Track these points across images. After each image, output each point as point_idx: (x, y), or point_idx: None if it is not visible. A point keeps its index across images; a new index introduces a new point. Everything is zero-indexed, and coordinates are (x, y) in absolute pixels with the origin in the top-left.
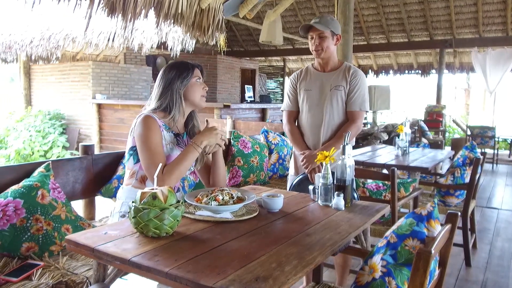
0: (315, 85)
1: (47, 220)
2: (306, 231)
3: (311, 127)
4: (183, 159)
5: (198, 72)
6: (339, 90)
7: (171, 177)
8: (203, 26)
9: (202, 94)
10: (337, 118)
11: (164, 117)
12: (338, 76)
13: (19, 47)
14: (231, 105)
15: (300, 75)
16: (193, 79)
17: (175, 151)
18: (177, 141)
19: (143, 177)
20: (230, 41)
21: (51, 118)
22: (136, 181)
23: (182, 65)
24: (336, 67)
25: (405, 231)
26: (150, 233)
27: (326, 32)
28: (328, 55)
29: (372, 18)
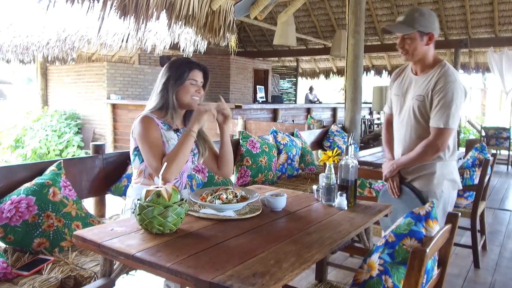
0: (403, 90)
1: (58, 217)
2: (307, 229)
3: (396, 135)
4: (180, 147)
5: (196, 74)
6: (420, 101)
7: (171, 166)
8: (214, 27)
9: (193, 95)
10: (418, 131)
11: (162, 116)
12: (424, 83)
13: (36, 48)
14: (243, 106)
15: (395, 76)
16: (188, 81)
17: None
18: (177, 137)
19: (150, 174)
20: (243, 42)
21: (67, 118)
22: (144, 178)
23: (180, 64)
24: (428, 69)
25: (403, 231)
26: (154, 230)
27: (412, 33)
28: (418, 58)
29: (386, 18)
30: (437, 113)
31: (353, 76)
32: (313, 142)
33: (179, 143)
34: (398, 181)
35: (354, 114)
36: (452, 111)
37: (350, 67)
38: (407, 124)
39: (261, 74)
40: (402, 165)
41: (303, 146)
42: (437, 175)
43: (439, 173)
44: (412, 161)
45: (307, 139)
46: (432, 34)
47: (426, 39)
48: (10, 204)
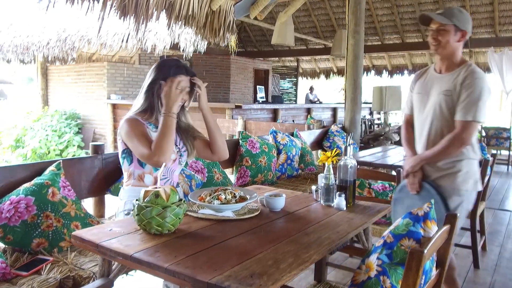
0: (426, 88)
1: (57, 217)
2: (305, 230)
3: (418, 133)
4: (163, 130)
5: (181, 78)
6: (447, 96)
7: (161, 151)
8: (214, 27)
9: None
10: (443, 126)
11: (147, 117)
12: (451, 79)
13: (36, 48)
14: (243, 106)
15: (417, 77)
16: (174, 85)
17: None
18: None
19: (140, 175)
20: (243, 42)
21: (67, 118)
22: (134, 180)
23: (165, 67)
24: (454, 68)
25: (401, 231)
26: (152, 230)
27: (448, 25)
28: (448, 52)
29: (387, 18)
30: (464, 107)
31: (353, 76)
32: (313, 142)
33: (161, 128)
34: (420, 176)
35: (354, 114)
36: (480, 105)
37: (350, 67)
38: (432, 119)
39: (261, 74)
40: (426, 158)
41: (302, 146)
42: (462, 173)
43: (465, 171)
44: (437, 154)
45: (307, 139)
46: (465, 32)
47: (459, 35)
48: (9, 204)
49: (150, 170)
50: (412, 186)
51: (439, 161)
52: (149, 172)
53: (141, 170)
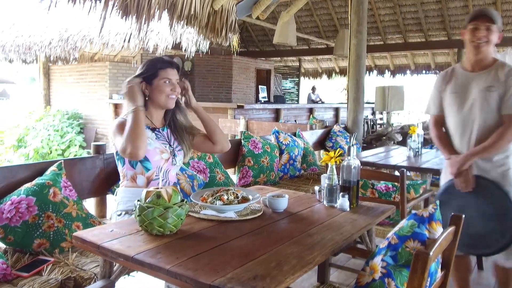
0: (463, 87)
1: (58, 217)
2: (308, 231)
3: (459, 131)
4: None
5: (168, 73)
6: (491, 92)
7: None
8: (216, 27)
9: (169, 94)
10: (489, 122)
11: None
12: (488, 76)
13: (38, 48)
14: (245, 106)
15: (447, 77)
16: (160, 81)
17: (154, 145)
18: (155, 135)
19: (132, 176)
20: (245, 42)
21: (69, 117)
22: (127, 181)
23: (150, 64)
24: (488, 66)
25: (406, 233)
26: (154, 231)
27: (495, 26)
28: (489, 51)
29: (389, 18)
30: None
31: (356, 76)
32: (315, 142)
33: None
34: (472, 173)
35: (357, 114)
36: None
37: (352, 67)
38: (476, 116)
39: (263, 74)
40: (477, 154)
41: (305, 146)
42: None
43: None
44: (488, 148)
45: (309, 139)
46: (502, 34)
47: (498, 36)
48: (10, 205)
49: (142, 171)
50: (466, 184)
51: (491, 156)
52: (141, 173)
53: (133, 171)
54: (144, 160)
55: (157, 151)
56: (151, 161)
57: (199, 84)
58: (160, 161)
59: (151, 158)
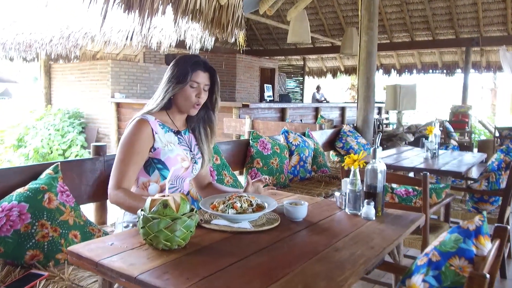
0: None
1: (53, 226)
2: (334, 244)
3: None
4: (135, 205)
5: (199, 76)
6: None
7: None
8: (222, 22)
9: (194, 103)
10: None
11: (161, 117)
12: None
13: (39, 45)
14: (250, 105)
15: None
16: (188, 85)
17: (176, 151)
18: (178, 139)
19: (144, 183)
20: (249, 40)
21: (70, 116)
22: (137, 188)
23: (184, 64)
24: None
25: (449, 249)
26: (160, 246)
27: None
28: None
29: (396, 16)
30: None
31: (366, 74)
32: (324, 142)
33: (137, 204)
34: None
35: (367, 113)
36: None
37: (362, 65)
38: None
39: (267, 73)
40: None
41: (315, 147)
42: None
43: None
44: None
45: (318, 140)
46: None
47: None
48: (0, 212)
49: (157, 179)
50: None
51: None
52: (156, 181)
53: (147, 178)
54: (162, 168)
55: (179, 159)
56: (171, 169)
57: None
58: (179, 169)
59: (170, 167)
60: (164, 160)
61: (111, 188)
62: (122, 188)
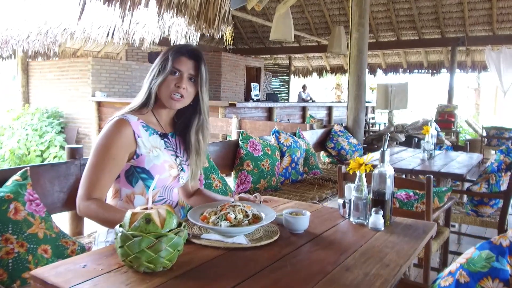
0: None
1: (20, 240)
2: (343, 262)
3: None
4: (111, 219)
5: (182, 63)
6: None
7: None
8: (208, 17)
9: (172, 92)
10: None
11: (146, 117)
12: None
13: (16, 42)
14: (237, 104)
15: None
16: (169, 72)
17: (163, 157)
18: (164, 143)
19: (129, 196)
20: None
21: (49, 116)
22: (121, 201)
23: (167, 51)
24: None
25: (480, 268)
26: (142, 268)
27: None
28: None
29: (382, 15)
30: None
31: (357, 72)
32: (315, 143)
33: (113, 217)
34: None
35: (358, 113)
36: None
37: (353, 63)
38: None
39: (253, 72)
40: None
41: (306, 147)
42: None
43: None
44: None
45: (309, 140)
46: None
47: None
48: None
49: (142, 190)
50: None
51: None
52: (141, 193)
53: (130, 189)
54: (147, 178)
55: (166, 166)
56: (155, 177)
57: None
58: (167, 179)
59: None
60: (149, 169)
61: (80, 198)
62: (93, 198)
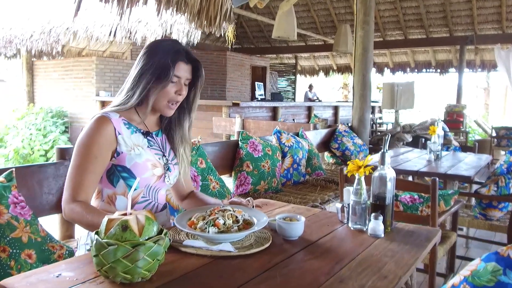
0: None
1: (2, 245)
2: (338, 273)
3: None
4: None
5: (181, 69)
6: None
7: (71, 215)
8: (209, 15)
9: (171, 101)
10: None
11: (128, 113)
12: None
13: (20, 41)
14: (241, 103)
15: None
16: (170, 80)
17: (145, 156)
18: (148, 142)
19: (110, 196)
20: (240, 38)
21: (53, 116)
22: (102, 202)
23: (163, 54)
24: None
25: (485, 282)
26: (118, 279)
27: None
28: None
29: (389, 14)
30: None
31: (362, 71)
32: (319, 143)
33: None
34: None
35: (363, 112)
36: None
37: (358, 61)
38: None
39: (258, 71)
40: None
41: (309, 148)
42: None
43: None
44: None
45: (313, 140)
46: None
47: None
48: None
49: (124, 190)
50: None
51: None
52: (123, 193)
53: (112, 189)
54: (129, 177)
55: (148, 165)
56: (137, 179)
57: None
58: (150, 178)
59: (139, 175)
60: (130, 168)
61: (65, 202)
62: (78, 201)
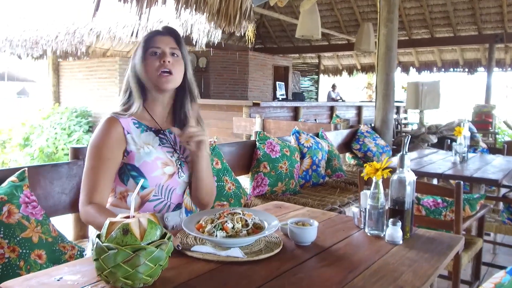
0: None
1: (11, 245)
2: (350, 282)
3: None
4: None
5: (158, 40)
6: None
7: (87, 218)
8: (229, 14)
9: (158, 68)
10: None
11: (135, 112)
12: None
13: (45, 42)
14: (261, 103)
15: None
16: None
17: (155, 154)
18: (159, 140)
19: (122, 193)
20: (262, 37)
21: (78, 115)
22: (115, 198)
23: (142, 40)
24: None
25: None
26: (119, 284)
27: None
28: None
29: (415, 12)
30: None
31: (385, 70)
32: (340, 144)
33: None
34: None
35: (386, 113)
36: None
37: (381, 60)
38: None
39: (281, 71)
40: None
41: (329, 149)
42: None
43: None
44: None
45: (333, 141)
46: None
47: None
48: None
49: (135, 189)
50: None
51: None
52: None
53: (124, 187)
54: (137, 176)
55: (158, 163)
56: (148, 177)
57: (214, 81)
58: (161, 177)
59: (148, 174)
60: (139, 166)
61: (81, 204)
62: (93, 203)
